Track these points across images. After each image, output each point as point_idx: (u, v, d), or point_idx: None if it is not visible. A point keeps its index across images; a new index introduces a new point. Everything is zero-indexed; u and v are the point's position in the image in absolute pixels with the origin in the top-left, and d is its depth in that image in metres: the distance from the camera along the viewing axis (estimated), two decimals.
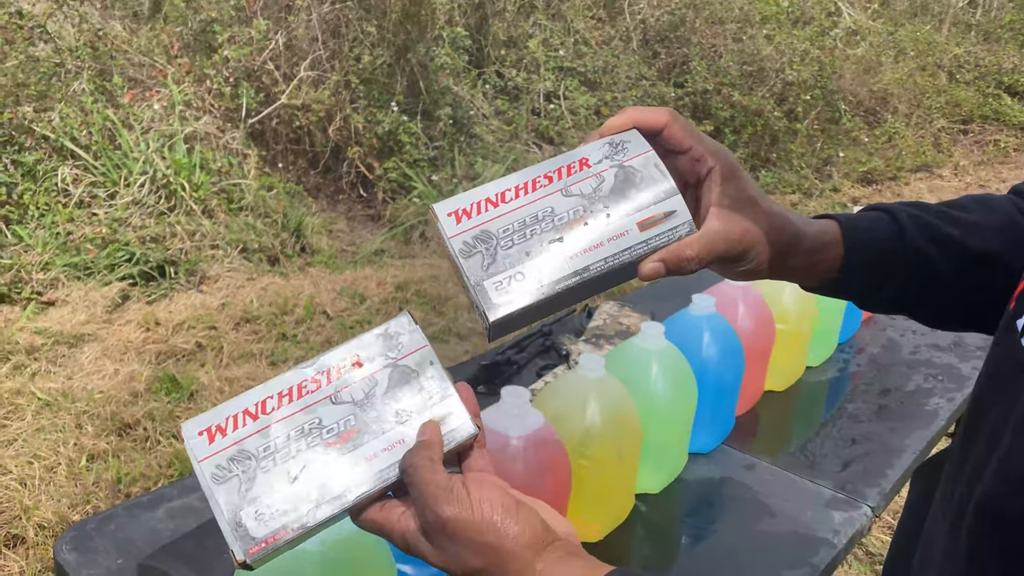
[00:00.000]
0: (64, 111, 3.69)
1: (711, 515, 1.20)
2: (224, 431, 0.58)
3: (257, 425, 0.58)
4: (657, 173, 0.65)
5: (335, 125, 4.45)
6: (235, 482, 0.56)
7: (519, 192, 0.63)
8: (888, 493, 1.28)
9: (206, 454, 0.57)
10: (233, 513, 0.56)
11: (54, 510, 2.11)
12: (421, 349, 0.62)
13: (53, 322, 2.97)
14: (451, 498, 0.56)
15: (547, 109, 5.04)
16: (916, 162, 5.84)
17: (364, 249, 4.00)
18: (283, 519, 0.56)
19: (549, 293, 0.61)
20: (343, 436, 0.58)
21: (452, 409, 0.61)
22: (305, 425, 0.58)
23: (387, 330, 0.63)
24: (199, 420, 0.59)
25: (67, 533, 1.07)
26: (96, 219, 3.46)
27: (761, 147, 5.48)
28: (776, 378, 1.49)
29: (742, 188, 0.67)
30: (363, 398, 0.60)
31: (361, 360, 0.61)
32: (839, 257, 0.72)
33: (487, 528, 0.55)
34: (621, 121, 0.68)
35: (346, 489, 0.57)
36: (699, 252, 0.65)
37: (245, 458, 0.57)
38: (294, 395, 0.59)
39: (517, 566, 0.55)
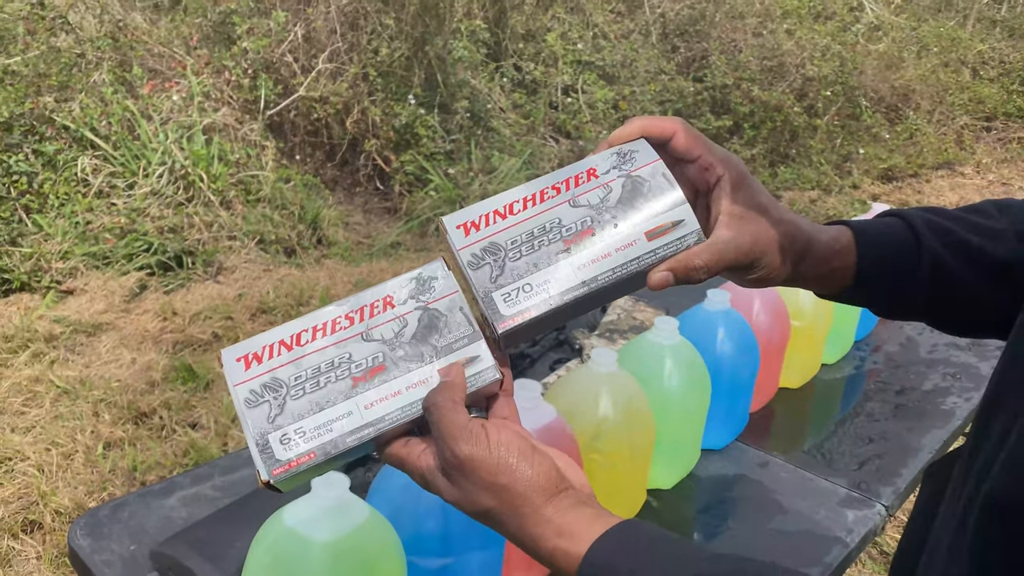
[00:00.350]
0: (84, 101, 3.72)
1: (723, 512, 1.20)
2: (260, 359, 0.61)
3: (291, 356, 0.61)
4: (665, 183, 0.65)
5: (352, 117, 4.46)
6: (266, 407, 0.59)
7: (527, 203, 0.64)
8: (903, 492, 1.27)
9: (241, 379, 0.61)
10: (261, 435, 0.59)
11: (71, 497, 2.14)
12: (452, 295, 0.63)
13: (72, 311, 3.00)
14: (469, 437, 0.57)
15: (565, 103, 5.02)
16: (938, 159, 5.77)
17: (380, 242, 4.01)
18: (308, 444, 0.59)
19: (557, 304, 0.62)
20: (371, 372, 0.61)
21: (479, 353, 0.62)
22: (336, 359, 0.61)
23: (420, 274, 0.64)
24: (238, 347, 0.62)
25: (81, 519, 1.08)
26: (115, 209, 3.49)
27: (780, 143, 5.44)
28: (791, 375, 1.48)
29: (752, 196, 0.67)
30: (392, 337, 0.62)
31: (393, 301, 0.63)
32: (852, 265, 0.72)
33: (501, 469, 0.57)
34: (630, 130, 0.68)
35: (370, 421, 0.60)
36: (708, 261, 0.65)
37: (277, 386, 0.60)
38: (328, 330, 0.62)
39: (527, 509, 0.57)
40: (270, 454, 0.59)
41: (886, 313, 0.77)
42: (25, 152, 3.51)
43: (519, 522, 0.57)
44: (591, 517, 0.57)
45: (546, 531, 0.57)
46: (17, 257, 3.21)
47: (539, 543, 0.57)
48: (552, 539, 0.57)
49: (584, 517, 0.57)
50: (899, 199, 5.09)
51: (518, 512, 0.57)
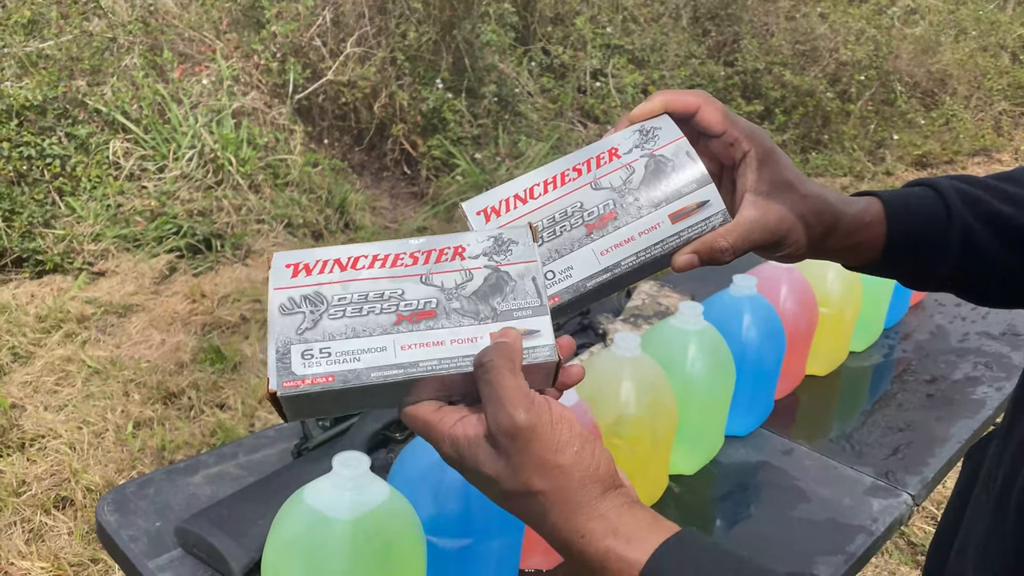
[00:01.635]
0: (116, 85, 3.76)
1: (746, 499, 1.19)
2: (310, 270, 0.57)
3: (342, 276, 0.57)
4: (689, 161, 0.63)
5: (380, 102, 4.46)
6: (299, 318, 0.55)
7: (547, 187, 0.62)
8: (930, 482, 1.25)
9: (284, 285, 0.57)
10: (284, 344, 0.54)
11: (101, 474, 2.18)
12: (529, 263, 0.58)
13: (103, 292, 3.04)
14: (531, 406, 0.51)
15: (593, 87, 4.98)
16: (974, 146, 5.66)
17: (406, 226, 4.02)
18: (329, 367, 0.54)
19: (581, 291, 0.61)
20: (419, 315, 0.56)
21: (540, 327, 0.57)
22: (387, 292, 0.56)
23: (502, 235, 0.60)
24: (291, 255, 0.58)
25: (108, 495, 1.10)
26: (145, 192, 3.53)
27: (812, 128, 5.36)
28: (818, 362, 1.46)
29: (779, 172, 0.65)
30: (453, 287, 0.57)
31: (464, 253, 0.58)
32: (882, 236, 0.70)
33: (562, 448, 0.51)
34: (652, 106, 0.66)
35: (403, 363, 0.55)
36: (734, 242, 0.63)
37: (318, 301, 0.56)
38: (388, 262, 0.57)
39: (581, 498, 0.51)
40: (286, 364, 0.54)
41: (912, 284, 0.76)
42: (58, 135, 3.56)
43: (568, 513, 0.51)
44: (649, 521, 0.52)
45: (599, 527, 0.51)
46: (50, 239, 3.26)
47: (589, 539, 0.51)
48: (604, 538, 0.51)
49: (642, 520, 0.52)
50: None
51: (570, 500, 0.51)
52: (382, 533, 0.81)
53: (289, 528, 0.82)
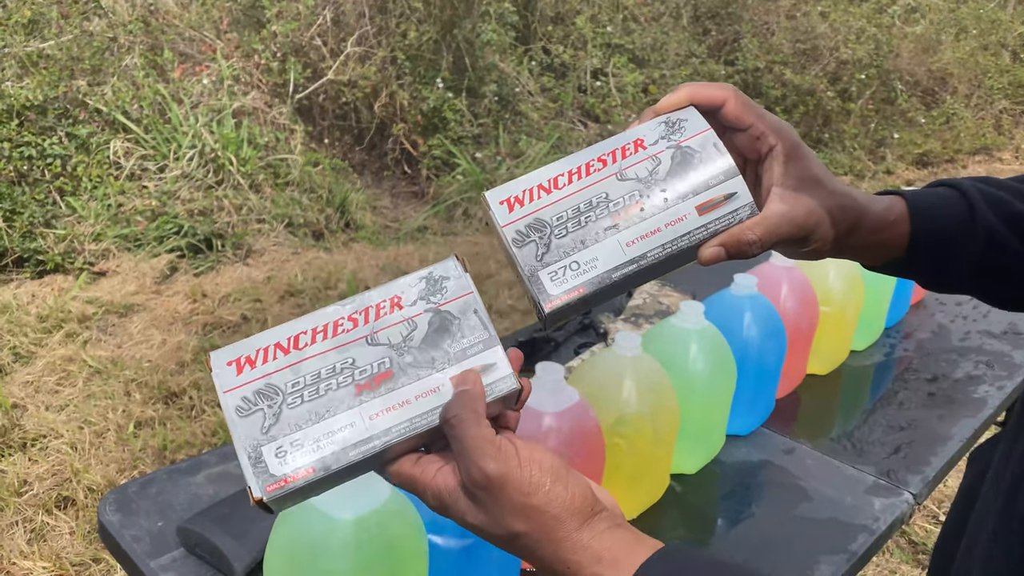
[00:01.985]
0: (116, 85, 3.76)
1: (747, 498, 1.19)
2: (253, 363, 0.55)
3: (288, 360, 0.56)
4: (716, 153, 0.63)
5: (381, 101, 4.46)
6: (259, 416, 0.54)
7: (572, 177, 0.62)
8: (931, 481, 1.25)
9: (232, 385, 0.55)
10: (254, 448, 0.54)
11: (103, 474, 2.18)
12: (466, 296, 0.59)
13: (104, 292, 3.04)
14: (497, 454, 0.53)
15: (594, 86, 4.98)
16: (975, 144, 5.65)
17: (407, 226, 4.02)
18: (306, 459, 0.53)
19: (606, 282, 0.60)
20: (376, 379, 0.56)
21: (495, 360, 0.57)
22: (337, 364, 0.56)
23: (431, 273, 0.60)
24: (229, 350, 0.57)
25: (110, 495, 1.10)
26: (146, 192, 3.53)
27: (813, 127, 5.36)
28: (819, 362, 1.46)
29: (806, 167, 0.64)
30: (400, 341, 0.57)
31: (401, 302, 0.58)
32: (904, 235, 0.70)
33: (534, 490, 0.53)
34: (678, 98, 0.65)
35: (376, 433, 0.55)
36: (761, 236, 0.62)
37: (272, 393, 0.55)
38: (329, 332, 0.57)
39: (562, 533, 0.53)
40: (263, 468, 0.53)
41: (933, 285, 0.75)
42: (59, 135, 3.56)
43: (553, 548, 0.53)
44: (632, 541, 0.53)
45: (583, 558, 0.53)
46: (51, 239, 3.27)
47: (576, 570, 0.53)
48: (591, 566, 0.52)
49: (624, 541, 0.53)
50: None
51: (552, 537, 0.53)
52: (384, 533, 0.81)
53: (291, 528, 0.82)
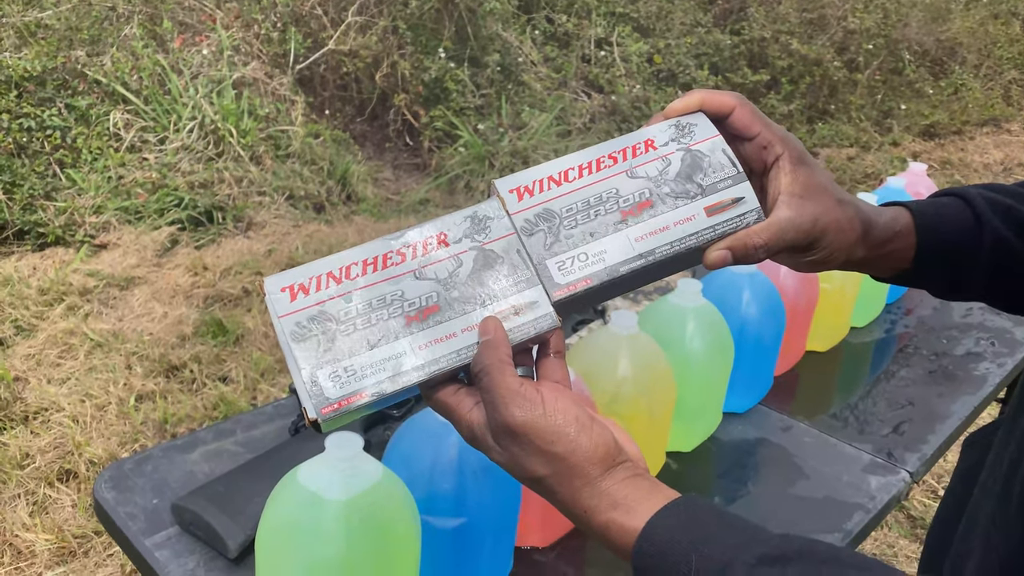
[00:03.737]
0: (116, 55, 3.73)
1: (743, 476, 1.18)
2: (307, 290, 0.58)
3: (340, 289, 0.58)
4: (725, 159, 0.64)
5: (382, 72, 4.42)
6: (314, 341, 0.56)
7: (583, 171, 0.63)
8: (929, 460, 1.25)
9: (287, 311, 0.57)
10: (310, 371, 0.56)
11: (104, 447, 2.19)
12: (508, 236, 0.61)
13: (105, 265, 3.04)
14: (523, 402, 0.55)
15: (598, 56, 4.93)
16: (983, 116, 5.59)
17: (409, 198, 4.00)
18: (359, 383, 0.56)
19: (613, 275, 0.61)
20: (424, 311, 0.58)
21: (536, 298, 0.60)
22: (388, 295, 0.58)
23: (476, 213, 0.62)
24: (282, 277, 0.58)
25: (105, 472, 1.10)
26: (146, 164, 3.52)
27: (819, 98, 5.30)
28: (818, 338, 1.45)
29: (812, 175, 0.65)
30: (447, 277, 0.59)
31: (448, 239, 0.60)
32: (911, 247, 0.70)
33: (558, 438, 0.55)
34: (688, 102, 0.66)
35: (424, 363, 0.57)
36: (768, 240, 0.63)
37: (326, 319, 0.57)
38: (379, 265, 0.59)
39: (581, 480, 0.55)
40: (319, 391, 0.56)
41: (945, 295, 0.75)
42: (58, 106, 3.53)
43: (572, 493, 0.56)
44: (648, 490, 0.55)
45: (600, 503, 0.55)
46: (52, 211, 3.26)
47: (592, 515, 0.55)
48: (606, 511, 0.55)
49: (641, 490, 0.55)
50: (940, 157, 4.95)
51: (572, 483, 0.55)
52: (376, 514, 0.81)
53: (282, 509, 0.81)
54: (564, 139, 4.48)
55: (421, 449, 0.90)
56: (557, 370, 0.61)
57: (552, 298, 0.60)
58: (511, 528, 0.95)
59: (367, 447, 1.15)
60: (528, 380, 0.58)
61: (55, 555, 1.91)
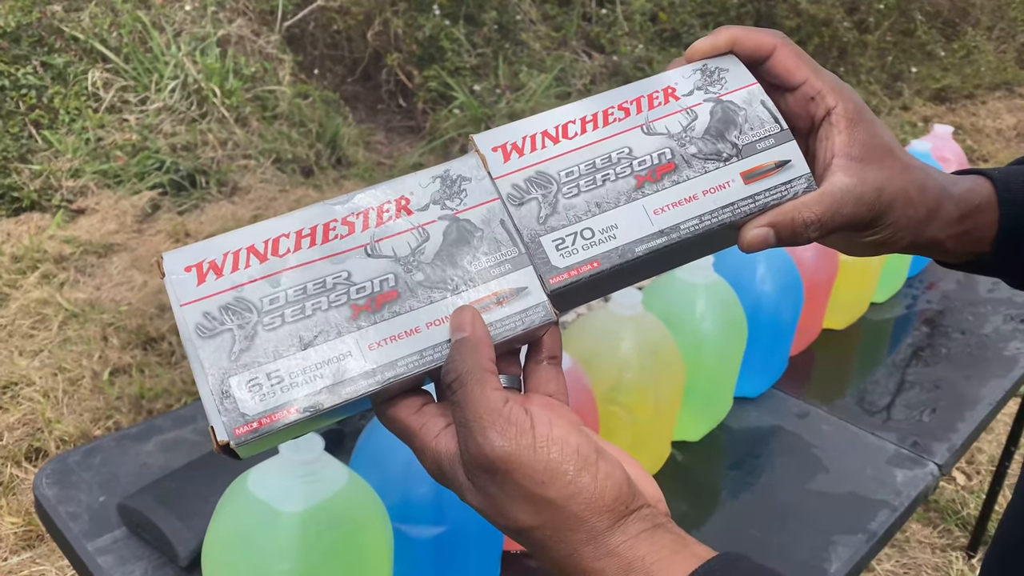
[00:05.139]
0: (94, 11, 3.56)
1: (756, 468, 1.08)
2: (220, 270, 0.43)
3: (264, 269, 0.44)
4: (765, 112, 0.51)
5: (374, 29, 4.25)
6: (227, 338, 0.42)
7: (586, 126, 0.50)
8: (958, 450, 1.14)
9: (191, 297, 0.43)
10: (220, 378, 0.42)
11: (76, 424, 2.08)
12: (491, 202, 0.47)
13: (82, 231, 2.91)
14: (506, 427, 0.41)
15: (599, 14, 4.75)
16: (996, 80, 5.42)
17: (402, 162, 3.86)
18: (288, 394, 0.42)
19: (627, 256, 0.47)
20: (377, 299, 0.44)
21: (525, 284, 0.46)
22: (328, 278, 0.44)
23: (448, 172, 0.48)
24: (187, 251, 0.44)
25: (48, 466, 0.99)
26: (127, 125, 3.37)
27: (827, 60, 5.13)
28: (836, 315, 1.34)
29: (874, 134, 0.51)
30: (408, 254, 0.45)
31: (410, 206, 0.46)
32: (992, 224, 0.56)
33: (551, 478, 0.41)
34: (716, 41, 0.53)
35: (375, 367, 0.43)
36: (821, 215, 0.50)
37: (244, 309, 0.43)
38: (318, 238, 0.45)
39: (583, 535, 0.41)
40: (232, 405, 0.41)
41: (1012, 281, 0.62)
42: (33, 64, 3.38)
43: (569, 551, 0.41)
44: (672, 547, 0.41)
45: (608, 566, 0.41)
46: (27, 175, 3.12)
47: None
48: None
49: (663, 547, 0.41)
50: (953, 122, 4.80)
51: (569, 538, 0.41)
52: (339, 525, 0.70)
53: (231, 520, 0.71)
54: (564, 101, 4.32)
55: (394, 448, 0.79)
56: (551, 381, 0.47)
57: (548, 285, 0.47)
58: (496, 537, 0.84)
59: (341, 438, 1.05)
60: (515, 395, 0.44)
61: (21, 539, 1.81)
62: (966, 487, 2.13)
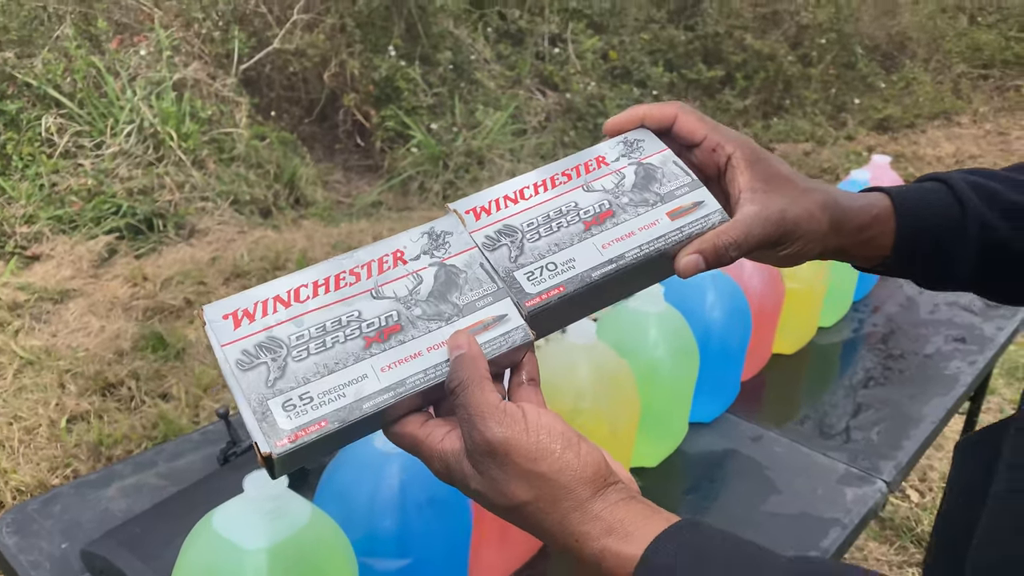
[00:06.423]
0: (47, 57, 3.55)
1: (713, 491, 1.11)
2: (252, 316, 0.53)
3: (289, 313, 0.54)
4: (678, 170, 0.64)
5: (330, 71, 4.29)
6: (263, 370, 0.51)
7: (538, 189, 0.62)
8: (904, 467, 1.18)
9: (230, 339, 0.52)
10: (260, 402, 0.50)
11: (32, 474, 2.04)
12: (470, 250, 0.58)
13: (37, 277, 2.88)
14: (503, 417, 0.50)
15: (552, 53, 4.85)
16: (934, 109, 5.64)
17: (360, 201, 3.88)
18: (318, 411, 0.51)
19: (587, 281, 0.58)
20: (385, 331, 0.54)
21: (506, 311, 0.56)
22: (343, 317, 0.54)
23: (433, 228, 0.59)
24: (224, 304, 0.54)
25: (8, 515, 0.99)
26: (82, 170, 3.35)
27: (773, 94, 5.30)
28: (785, 340, 1.39)
29: (771, 167, 0.62)
30: (407, 295, 0.56)
31: (404, 257, 0.57)
32: (890, 233, 0.66)
33: (542, 456, 0.49)
34: (627, 118, 0.65)
35: (390, 384, 0.52)
36: (736, 238, 0.59)
37: (276, 346, 0.52)
38: (331, 286, 0.55)
39: (570, 503, 0.49)
40: (272, 423, 0.49)
41: (930, 284, 0.71)
42: None
43: (560, 518, 0.49)
44: (645, 514, 0.49)
45: (593, 528, 0.49)
46: None
47: (584, 542, 0.49)
48: (600, 538, 0.49)
49: (638, 513, 0.49)
50: (895, 150, 4.97)
51: (559, 506, 0.49)
52: (304, 561, 0.71)
53: (196, 559, 0.72)
54: (520, 138, 4.39)
55: (358, 483, 0.81)
56: (532, 398, 0.55)
57: (524, 309, 0.56)
58: (462, 564, 0.86)
59: (305, 475, 1.06)
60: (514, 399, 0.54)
61: None
62: (919, 504, 2.19)
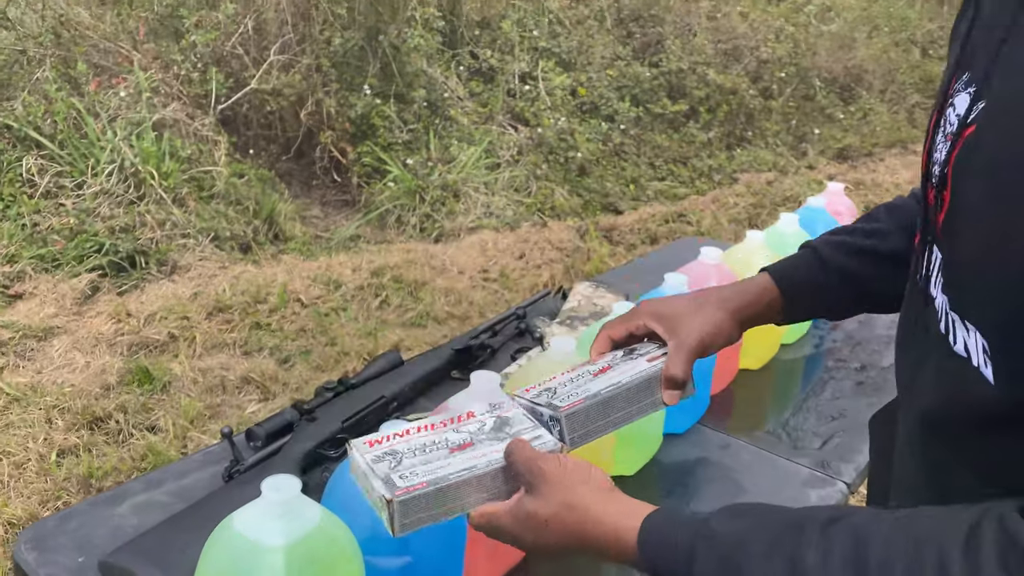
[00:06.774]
0: (27, 100, 3.61)
1: (687, 496, 1.19)
2: (380, 442, 0.84)
3: (402, 440, 0.85)
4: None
5: (307, 109, 4.39)
6: (388, 462, 0.81)
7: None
8: (863, 469, 1.28)
9: (368, 451, 0.83)
10: (385, 474, 0.79)
11: (24, 507, 2.07)
12: (517, 409, 0.89)
13: (21, 315, 2.91)
14: (548, 459, 0.76)
15: (522, 90, 4.99)
16: (891, 138, 5.85)
17: (339, 235, 3.96)
18: (420, 478, 0.78)
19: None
20: (463, 446, 0.83)
21: (539, 434, 0.85)
22: (436, 441, 0.84)
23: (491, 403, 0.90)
24: (365, 437, 0.85)
25: (26, 532, 1.04)
26: (63, 210, 3.39)
27: (736, 126, 5.47)
28: (751, 356, 1.48)
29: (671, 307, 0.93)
30: (476, 430, 0.86)
31: (475, 413, 0.89)
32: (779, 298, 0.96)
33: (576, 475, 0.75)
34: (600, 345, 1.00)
35: (466, 467, 0.80)
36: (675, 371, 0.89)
37: (394, 453, 0.82)
38: (429, 428, 0.86)
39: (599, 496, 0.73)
40: (391, 483, 0.77)
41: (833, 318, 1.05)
42: None
43: (600, 507, 0.72)
44: (647, 506, 0.71)
45: (619, 508, 0.72)
46: None
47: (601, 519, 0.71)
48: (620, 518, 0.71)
49: (644, 506, 0.71)
50: (855, 178, 5.15)
51: (594, 499, 0.72)
52: (317, 558, 0.78)
53: (218, 558, 0.78)
54: (494, 171, 4.51)
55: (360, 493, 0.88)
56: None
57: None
58: (457, 565, 0.93)
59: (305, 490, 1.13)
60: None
61: None
62: None
